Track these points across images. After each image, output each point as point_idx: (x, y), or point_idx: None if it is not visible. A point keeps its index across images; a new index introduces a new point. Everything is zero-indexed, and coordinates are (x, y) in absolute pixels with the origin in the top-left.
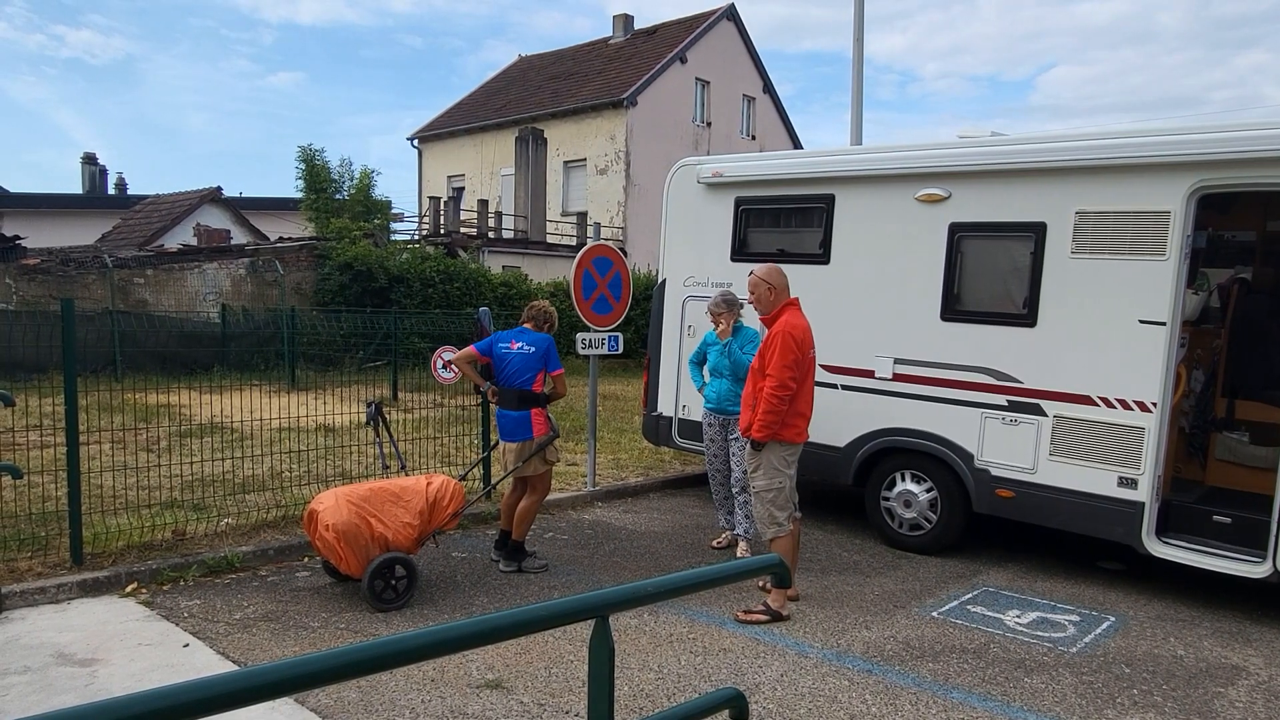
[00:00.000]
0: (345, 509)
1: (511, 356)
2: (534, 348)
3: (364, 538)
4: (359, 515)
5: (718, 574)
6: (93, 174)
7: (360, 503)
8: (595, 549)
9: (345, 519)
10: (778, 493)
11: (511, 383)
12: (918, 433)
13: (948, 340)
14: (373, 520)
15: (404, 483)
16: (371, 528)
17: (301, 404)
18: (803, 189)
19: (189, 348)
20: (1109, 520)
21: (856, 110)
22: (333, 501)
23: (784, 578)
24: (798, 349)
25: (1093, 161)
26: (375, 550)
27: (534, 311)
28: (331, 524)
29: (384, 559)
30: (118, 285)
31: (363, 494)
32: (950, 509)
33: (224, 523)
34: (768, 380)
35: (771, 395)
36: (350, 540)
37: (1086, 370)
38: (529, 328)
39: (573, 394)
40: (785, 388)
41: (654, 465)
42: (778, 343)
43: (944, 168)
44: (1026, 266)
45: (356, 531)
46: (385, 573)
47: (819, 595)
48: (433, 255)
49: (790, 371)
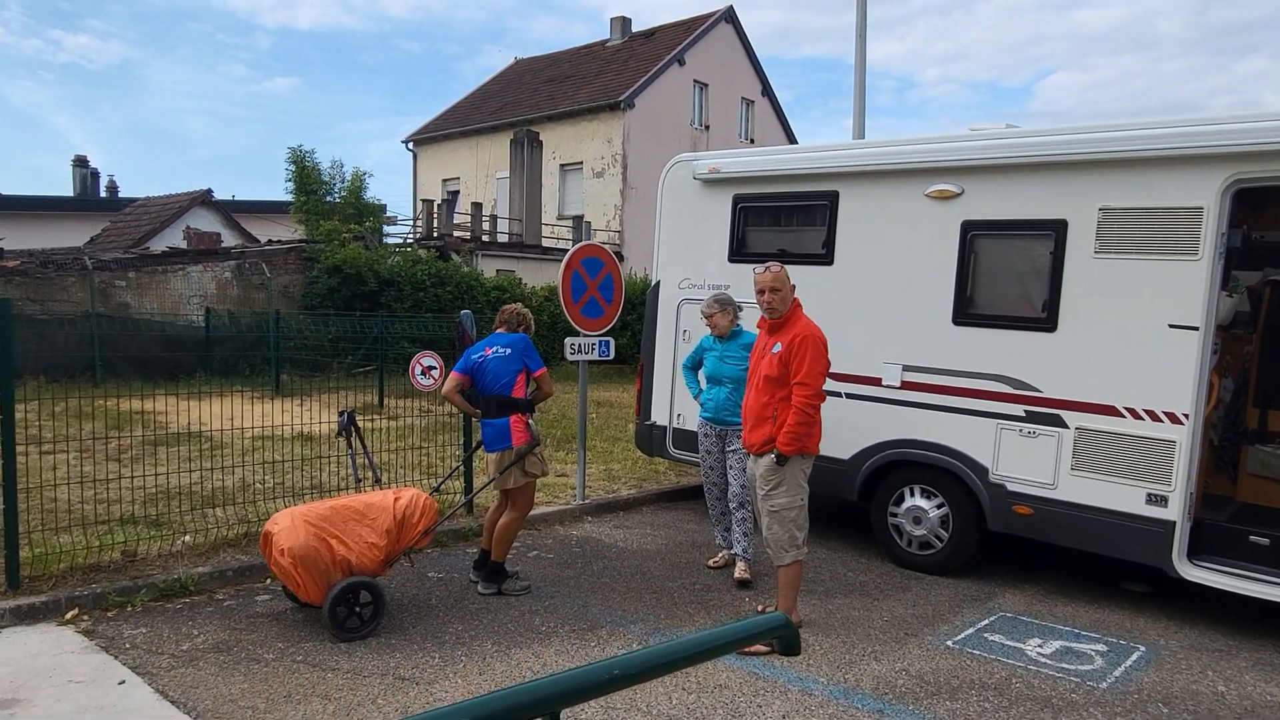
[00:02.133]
0: (303, 530)
1: (487, 363)
2: (509, 349)
3: (324, 561)
4: (318, 537)
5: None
6: (84, 177)
7: (320, 523)
8: (583, 569)
9: (302, 541)
10: (800, 511)
11: (490, 390)
12: (928, 445)
13: (960, 346)
14: (333, 541)
15: (369, 499)
16: (332, 550)
17: (284, 411)
18: (805, 185)
19: (171, 352)
20: (1136, 540)
21: (859, 106)
22: (289, 522)
23: (792, 642)
24: (825, 355)
25: (1119, 154)
26: (337, 574)
27: (505, 316)
28: (287, 547)
29: (346, 584)
30: (98, 288)
31: (322, 513)
32: (963, 527)
33: (182, 541)
34: (799, 388)
35: (807, 404)
36: (308, 565)
37: (1111, 378)
38: (502, 332)
39: (564, 400)
40: (820, 396)
41: (647, 476)
42: (809, 349)
43: (956, 162)
44: (1046, 267)
45: (315, 555)
46: (348, 599)
47: (823, 621)
48: (424, 259)
49: (823, 379)
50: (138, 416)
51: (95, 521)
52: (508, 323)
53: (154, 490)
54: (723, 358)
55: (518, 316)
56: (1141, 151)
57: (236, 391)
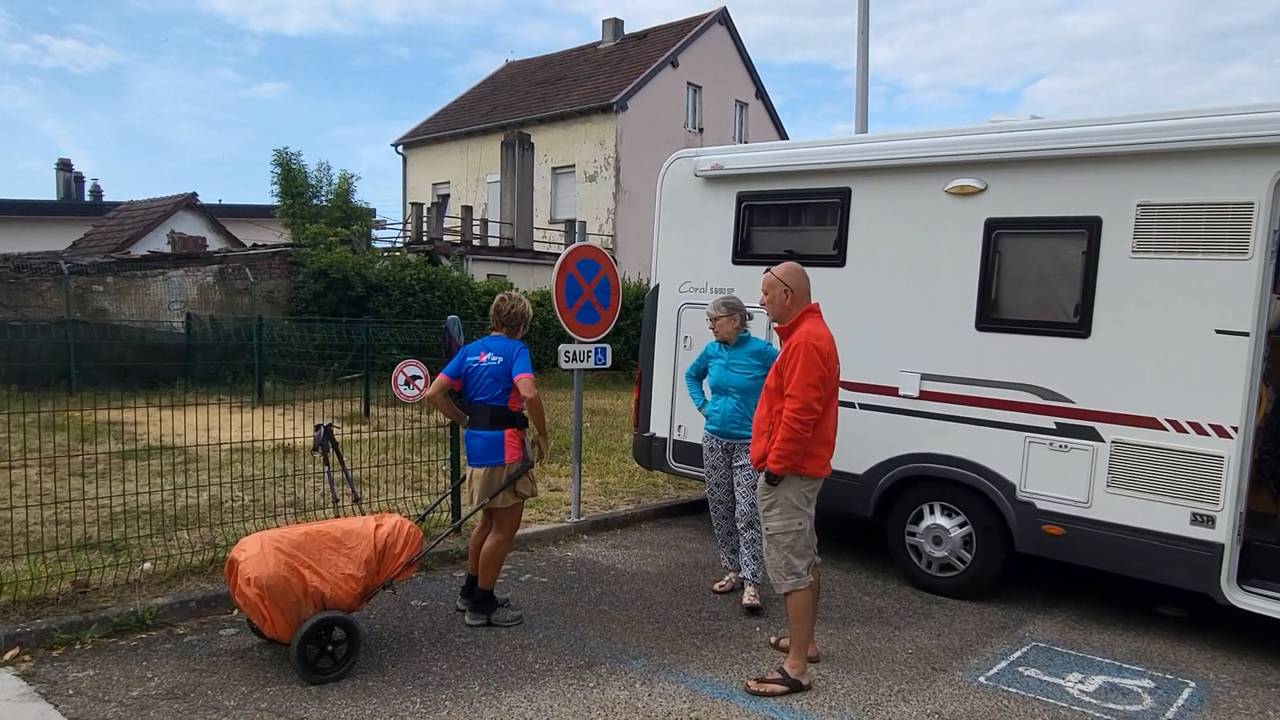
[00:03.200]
0: (272, 558)
1: (481, 370)
2: (501, 358)
3: (294, 594)
4: (289, 566)
5: None
6: (68, 180)
7: (292, 550)
8: (579, 594)
9: (271, 571)
10: (797, 536)
11: (482, 399)
12: (949, 459)
13: (984, 353)
14: (306, 572)
15: (348, 525)
16: (305, 581)
17: (265, 421)
18: (814, 182)
19: (150, 360)
20: (1180, 564)
21: (861, 102)
22: (258, 549)
23: None
24: (823, 364)
25: (1160, 145)
26: (308, 608)
27: (502, 316)
28: (254, 577)
29: (318, 620)
30: (75, 293)
31: (295, 539)
32: (988, 548)
33: (141, 569)
34: (788, 401)
35: (793, 419)
36: (277, 597)
37: (1151, 388)
38: (501, 334)
39: (557, 409)
40: (810, 410)
41: (646, 490)
42: (799, 356)
43: (979, 156)
44: (1078, 268)
45: (285, 586)
46: (320, 637)
47: (842, 654)
48: (413, 263)
49: (815, 391)
50: (111, 428)
51: (49, 547)
52: (508, 324)
53: (119, 510)
54: (729, 366)
55: (518, 316)
56: (1186, 142)
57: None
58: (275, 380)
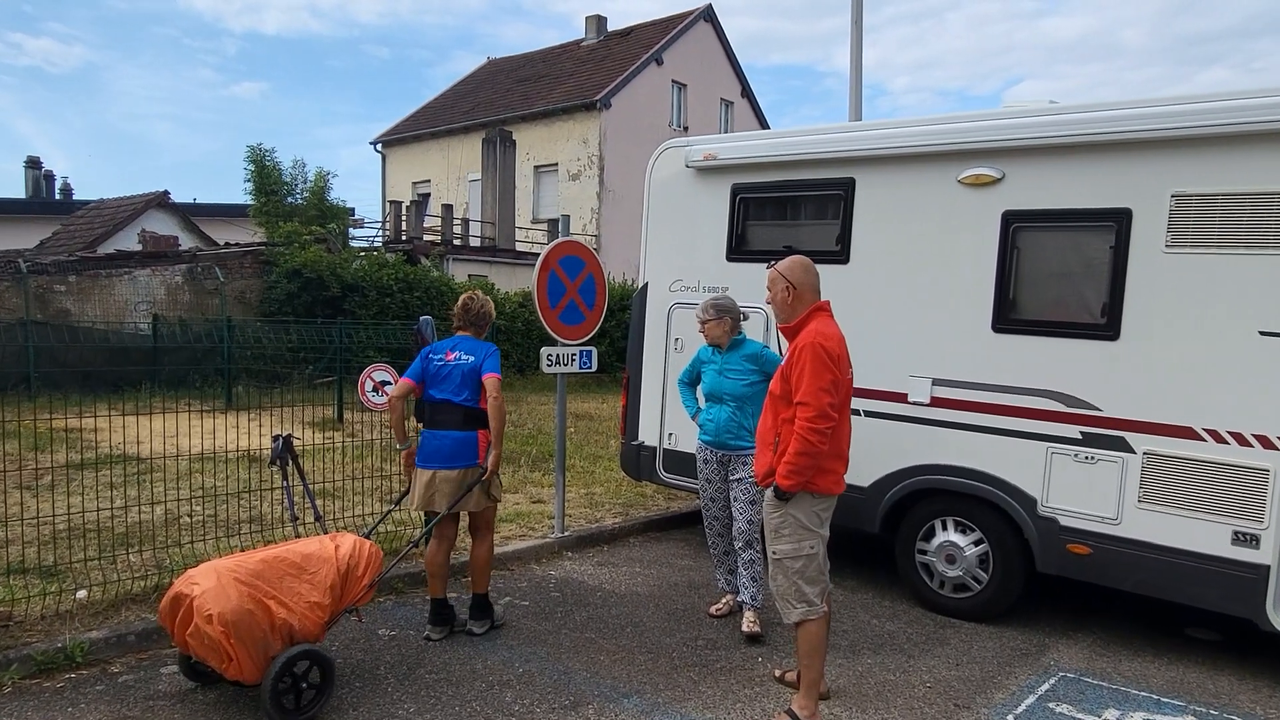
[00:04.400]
0: (234, 590)
1: (450, 369)
2: (472, 357)
3: (261, 628)
4: (252, 598)
5: None
6: (37, 178)
7: (252, 580)
8: (563, 620)
9: (235, 605)
10: (808, 560)
11: (453, 399)
12: (963, 471)
13: (1002, 356)
14: (271, 603)
15: (305, 549)
16: (271, 614)
17: (232, 428)
18: (815, 172)
19: (115, 363)
20: (1220, 587)
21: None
22: (214, 581)
23: None
24: (834, 366)
25: (1197, 130)
26: (277, 644)
27: (471, 315)
28: (217, 613)
29: (292, 655)
30: (35, 293)
31: (253, 568)
32: (1006, 567)
33: (74, 599)
34: (800, 409)
35: (808, 428)
36: (243, 634)
37: (1187, 395)
38: (469, 334)
39: (539, 414)
40: (825, 417)
41: (633, 501)
42: (806, 358)
43: (996, 143)
44: (1105, 264)
45: (252, 621)
46: (292, 673)
47: (854, 689)
48: (392, 262)
49: (829, 396)
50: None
51: None
52: (476, 323)
53: (61, 528)
54: (723, 371)
55: (487, 316)
56: (1226, 126)
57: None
58: (246, 384)
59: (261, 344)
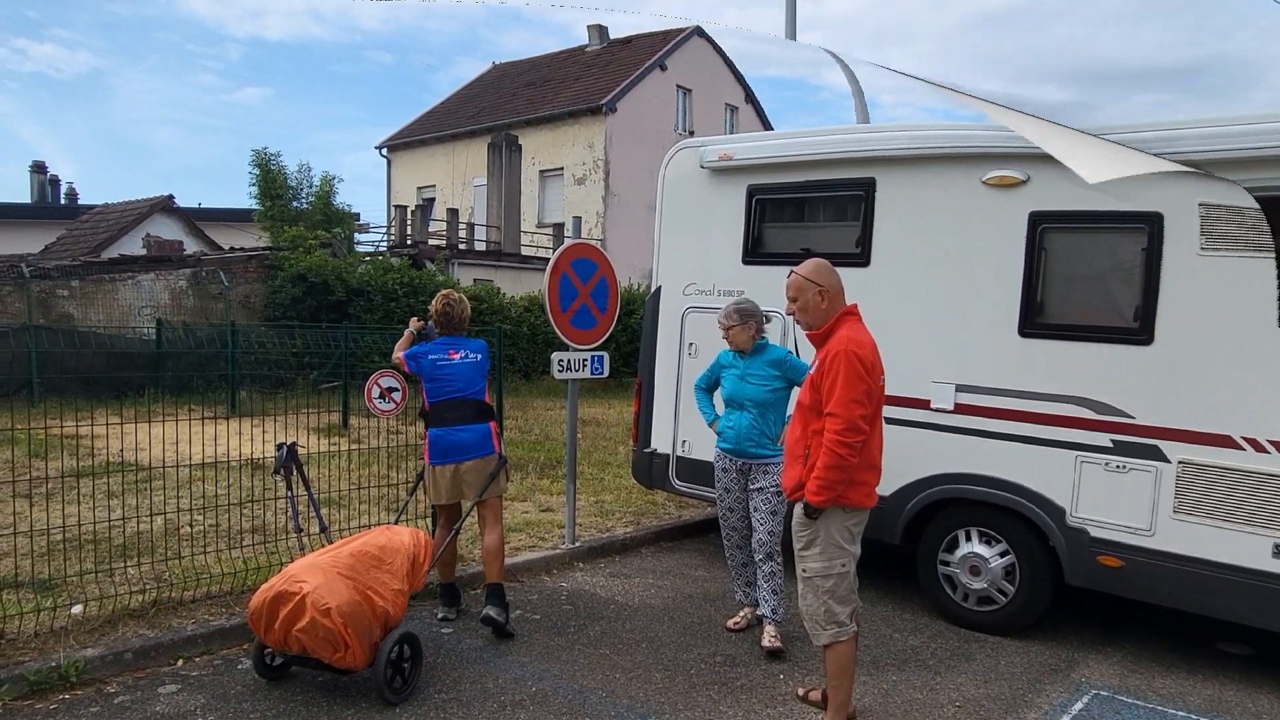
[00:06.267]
0: (342, 585)
1: (458, 367)
2: (478, 354)
3: (368, 618)
4: (357, 589)
5: None
6: (42, 183)
7: (350, 574)
8: (577, 634)
9: (347, 598)
10: (839, 579)
11: (464, 394)
12: (988, 480)
13: (1029, 362)
14: (370, 593)
15: (378, 540)
16: (373, 603)
17: (236, 433)
18: (834, 173)
19: (119, 368)
20: (1260, 602)
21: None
22: (321, 577)
23: None
24: (868, 375)
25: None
26: (378, 630)
27: (456, 319)
28: (334, 606)
29: (397, 637)
30: (38, 298)
31: (347, 561)
32: (1033, 580)
33: (71, 612)
34: (829, 420)
35: (837, 442)
36: (357, 624)
37: (1225, 402)
38: (460, 335)
39: (546, 419)
40: (856, 430)
41: (645, 510)
42: (840, 367)
43: (1021, 145)
44: (1137, 266)
45: (361, 611)
46: (394, 657)
47: (880, 707)
48: (397, 267)
49: (861, 408)
50: (70, 442)
51: None
52: (460, 325)
53: (58, 539)
54: (744, 377)
55: (467, 317)
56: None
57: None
58: (250, 389)
59: (266, 349)
